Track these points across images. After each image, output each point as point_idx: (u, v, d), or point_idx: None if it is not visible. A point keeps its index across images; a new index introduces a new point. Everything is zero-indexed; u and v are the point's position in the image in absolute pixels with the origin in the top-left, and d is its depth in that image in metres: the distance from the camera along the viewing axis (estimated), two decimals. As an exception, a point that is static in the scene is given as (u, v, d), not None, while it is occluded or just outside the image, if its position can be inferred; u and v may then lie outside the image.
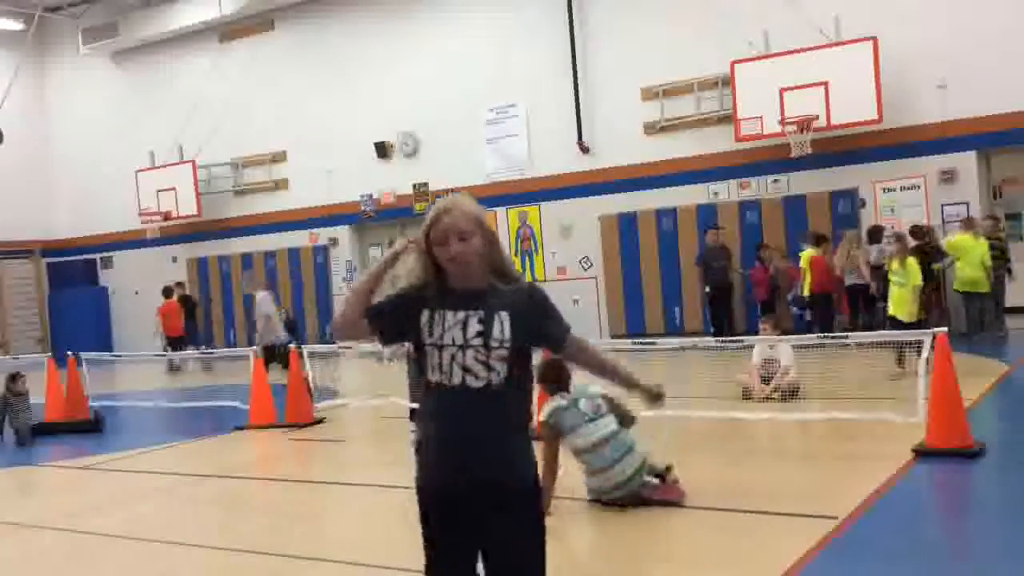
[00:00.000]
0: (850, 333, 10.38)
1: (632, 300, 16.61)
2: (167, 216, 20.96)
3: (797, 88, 14.07)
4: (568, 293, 16.66)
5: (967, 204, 13.93)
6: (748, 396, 9.29)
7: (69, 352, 11.75)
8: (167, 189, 20.84)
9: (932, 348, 6.69)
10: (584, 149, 16.82)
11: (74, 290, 23.50)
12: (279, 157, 20.39)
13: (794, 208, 15.16)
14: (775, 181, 15.30)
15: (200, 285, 21.66)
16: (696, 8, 15.39)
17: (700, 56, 15.33)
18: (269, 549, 5.44)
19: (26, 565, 5.68)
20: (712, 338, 12.20)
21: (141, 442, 9.79)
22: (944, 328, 6.94)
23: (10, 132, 20.88)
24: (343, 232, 19.82)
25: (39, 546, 6.05)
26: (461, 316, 2.69)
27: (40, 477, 8.76)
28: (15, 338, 23.12)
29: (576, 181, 16.96)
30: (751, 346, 9.75)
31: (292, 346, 10.75)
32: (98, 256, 23.67)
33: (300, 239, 20.19)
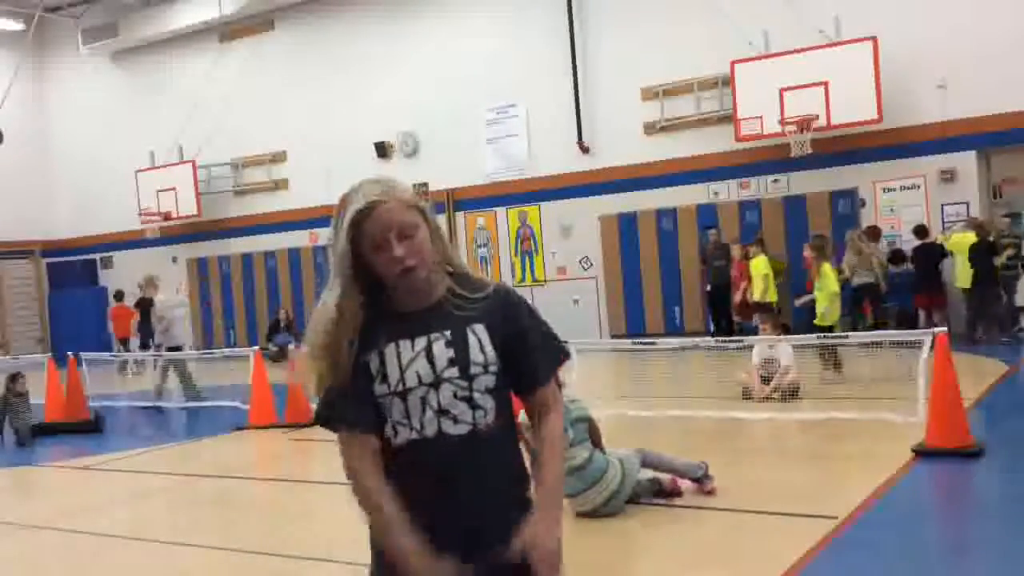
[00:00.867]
0: (850, 333, 10.37)
1: (632, 300, 16.61)
2: (167, 216, 20.94)
3: (797, 88, 14.06)
4: (568, 293, 16.68)
5: (967, 204, 13.94)
6: (748, 396, 9.30)
7: (69, 352, 11.76)
8: (167, 189, 20.83)
9: (932, 348, 6.71)
10: (584, 149, 16.81)
11: (74, 290, 23.49)
12: (279, 157, 20.38)
13: (794, 208, 15.16)
14: (775, 181, 15.30)
15: (200, 285, 21.66)
16: (696, 8, 15.38)
17: (700, 56, 15.33)
18: (269, 549, 5.44)
19: (26, 565, 5.68)
20: (712, 338, 12.20)
21: (141, 442, 9.80)
22: (944, 328, 6.94)
23: (10, 132, 20.87)
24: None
25: (39, 546, 6.06)
26: (422, 343, 1.99)
27: (40, 477, 8.76)
28: (15, 338, 23.11)
29: (576, 181, 16.96)
30: (751, 346, 9.76)
31: (292, 346, 10.76)
32: (98, 256, 23.66)
33: (300, 239, 20.18)
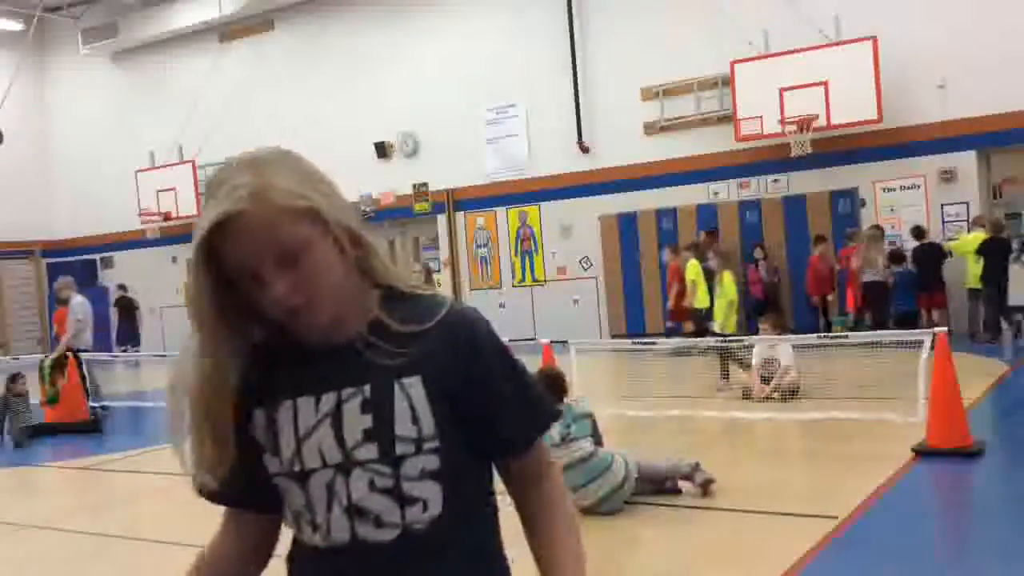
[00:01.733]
0: (850, 333, 10.38)
1: (632, 300, 16.61)
2: (167, 216, 20.94)
3: (797, 88, 14.06)
4: (568, 293, 16.69)
5: (967, 204, 13.94)
6: (748, 396, 9.30)
7: (69, 352, 11.74)
8: (167, 189, 20.82)
9: (932, 348, 6.70)
10: (584, 149, 16.81)
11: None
12: (279, 157, 20.35)
13: (794, 208, 15.16)
14: (775, 181, 15.29)
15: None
16: (696, 8, 15.38)
17: (700, 56, 15.33)
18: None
19: (26, 565, 5.67)
20: (712, 338, 12.20)
21: (140, 442, 9.79)
22: (944, 328, 6.94)
23: (10, 132, 20.85)
24: (343, 232, 19.79)
25: (39, 546, 6.05)
26: (329, 402, 1.36)
27: (40, 477, 8.75)
28: (15, 338, 23.11)
29: (576, 181, 16.96)
30: (751, 346, 9.76)
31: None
32: (98, 256, 23.65)
33: (300, 239, 20.14)
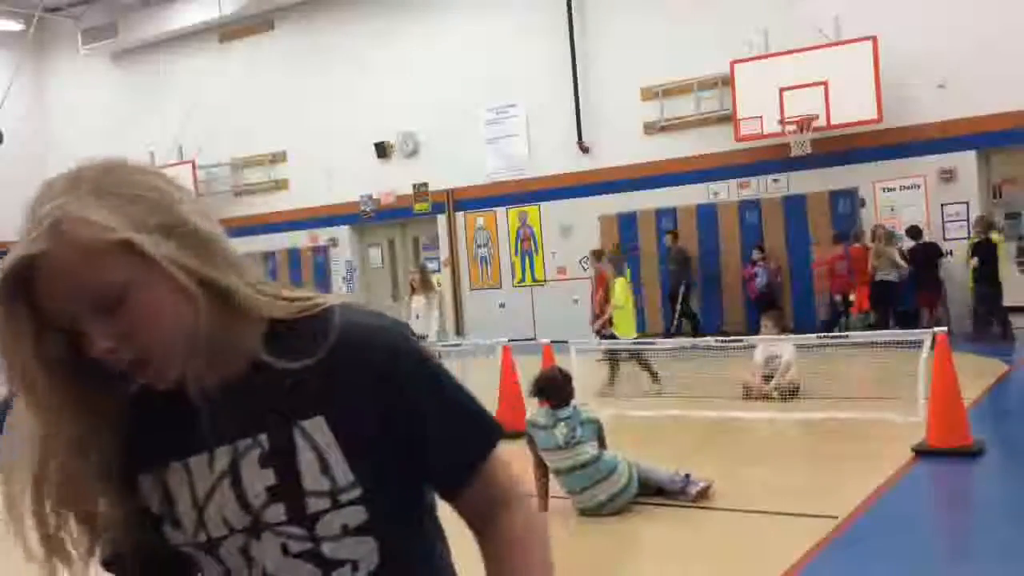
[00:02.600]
0: (849, 333, 10.39)
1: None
2: (167, 216, 20.92)
3: (797, 88, 14.05)
4: (568, 293, 16.67)
5: (967, 204, 13.94)
6: (748, 395, 9.30)
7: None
8: (167, 189, 20.80)
9: (932, 348, 6.71)
10: (584, 149, 16.81)
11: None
12: (279, 157, 20.38)
13: (794, 208, 15.15)
14: (775, 181, 15.29)
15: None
16: (696, 8, 15.38)
17: (700, 56, 15.32)
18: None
19: (26, 565, 5.67)
20: (712, 338, 12.20)
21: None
22: (944, 328, 6.95)
23: (10, 132, 20.83)
24: (343, 232, 19.82)
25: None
26: (224, 457, 1.16)
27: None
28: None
29: (576, 181, 16.95)
30: (753, 346, 9.76)
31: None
32: (98, 256, 23.64)
33: (300, 239, 20.18)
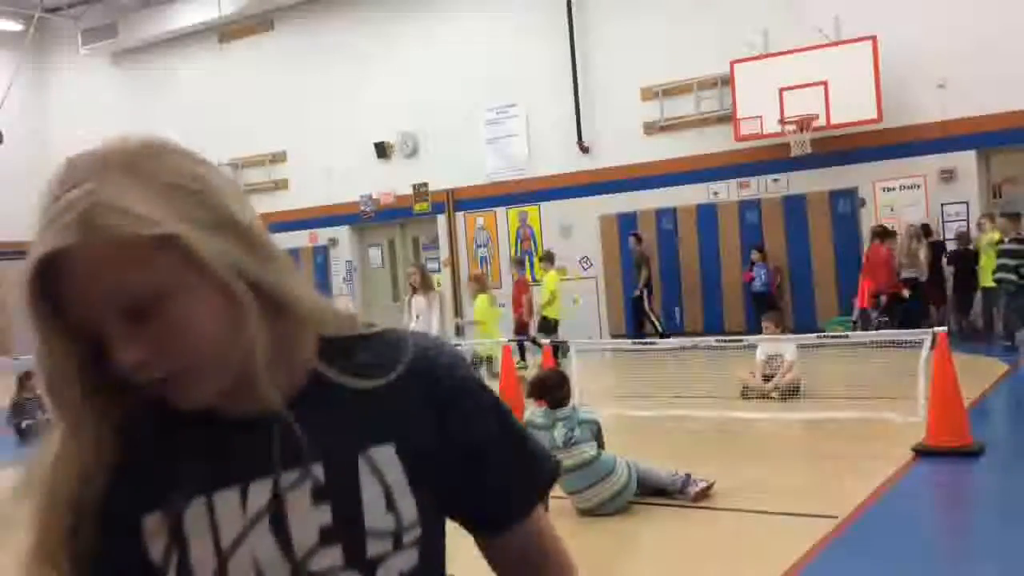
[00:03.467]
0: (850, 332, 10.38)
1: (632, 300, 16.58)
2: (167, 216, 20.94)
3: (797, 88, 14.05)
4: (568, 293, 16.66)
5: (967, 204, 13.95)
6: (747, 395, 9.30)
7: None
8: (167, 189, 20.82)
9: (931, 348, 6.71)
10: (584, 149, 16.81)
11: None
12: (279, 157, 20.38)
13: (794, 208, 15.16)
14: (775, 181, 15.29)
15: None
16: (696, 8, 15.38)
17: (700, 56, 15.32)
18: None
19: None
20: (713, 338, 12.22)
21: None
22: (944, 328, 6.95)
23: (10, 132, 20.85)
24: (343, 232, 19.82)
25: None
26: (262, 496, 0.98)
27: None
28: (16, 339, 23.11)
29: (576, 181, 16.95)
30: (754, 346, 9.76)
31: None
32: (98, 256, 23.65)
33: (300, 239, 20.18)
